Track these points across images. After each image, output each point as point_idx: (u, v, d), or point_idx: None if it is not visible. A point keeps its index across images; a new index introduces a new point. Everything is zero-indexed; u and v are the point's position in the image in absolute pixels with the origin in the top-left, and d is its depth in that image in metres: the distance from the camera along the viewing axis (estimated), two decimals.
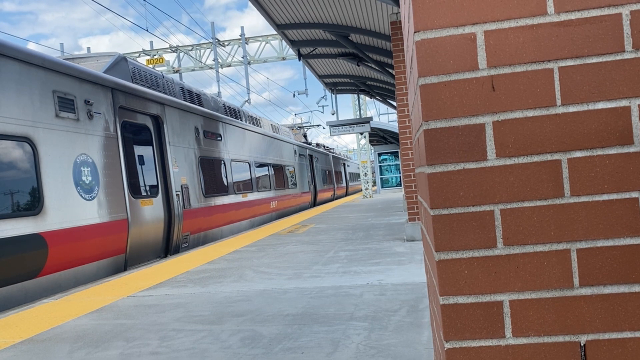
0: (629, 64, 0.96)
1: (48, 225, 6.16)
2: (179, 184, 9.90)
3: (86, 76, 7.34)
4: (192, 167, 10.64)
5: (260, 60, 26.40)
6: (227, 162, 12.94)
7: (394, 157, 32.78)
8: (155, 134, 9.35)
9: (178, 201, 9.70)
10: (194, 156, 10.84)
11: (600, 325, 0.99)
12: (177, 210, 9.62)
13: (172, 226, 9.40)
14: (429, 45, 1.02)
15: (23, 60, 6.14)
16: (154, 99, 9.24)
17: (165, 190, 9.44)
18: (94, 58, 9.25)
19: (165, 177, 9.50)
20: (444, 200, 1.02)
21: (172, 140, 9.84)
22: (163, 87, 10.71)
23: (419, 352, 2.94)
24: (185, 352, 3.32)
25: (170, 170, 9.58)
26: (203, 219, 10.90)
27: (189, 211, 10.17)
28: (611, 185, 0.98)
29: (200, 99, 12.74)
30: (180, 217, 9.75)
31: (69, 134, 6.81)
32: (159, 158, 9.39)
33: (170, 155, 9.69)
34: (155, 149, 9.29)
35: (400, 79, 7.95)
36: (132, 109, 8.55)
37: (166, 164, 9.54)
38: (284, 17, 10.13)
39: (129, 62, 9.59)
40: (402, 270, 5.45)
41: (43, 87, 6.42)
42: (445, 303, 1.02)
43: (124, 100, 8.29)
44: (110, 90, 7.95)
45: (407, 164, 8.09)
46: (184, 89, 11.91)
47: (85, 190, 7.01)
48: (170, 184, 9.55)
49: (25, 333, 4.11)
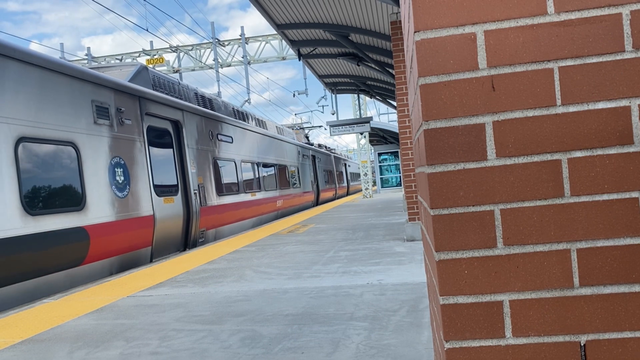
0: (629, 64, 0.96)
1: (89, 219, 7.01)
2: (196, 183, 10.64)
3: (118, 86, 8.16)
4: (207, 168, 11.42)
5: (260, 60, 26.40)
6: (238, 163, 13.75)
7: (394, 157, 32.76)
8: (175, 138, 10.18)
9: (195, 199, 10.47)
10: (209, 158, 11.63)
11: (600, 325, 0.99)
12: (195, 207, 10.37)
13: (190, 222, 10.15)
14: (429, 45, 1.02)
15: (71, 75, 7.02)
16: (174, 105, 10.11)
17: (184, 189, 10.18)
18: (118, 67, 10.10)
19: (184, 177, 10.26)
20: (444, 200, 1.02)
21: (189, 143, 10.63)
22: (179, 92, 11.55)
23: (419, 352, 2.94)
24: (185, 352, 3.32)
25: (188, 171, 10.32)
26: (217, 216, 11.65)
27: (205, 209, 10.93)
28: (611, 185, 0.98)
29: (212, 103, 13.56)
30: (198, 214, 10.49)
31: (105, 139, 7.70)
32: (179, 160, 10.19)
33: (188, 157, 10.45)
34: (175, 152, 10.10)
35: (400, 79, 7.95)
36: (156, 115, 9.39)
37: (185, 165, 10.30)
38: (284, 17, 10.13)
39: (150, 70, 10.42)
40: (402, 270, 5.45)
41: (84, 97, 7.31)
42: (445, 303, 1.02)
43: (149, 107, 9.14)
44: (138, 98, 8.79)
45: (407, 164, 8.09)
46: (198, 95, 12.74)
47: (118, 188, 7.83)
48: (189, 183, 10.27)
49: (25, 333, 4.11)
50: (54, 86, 6.67)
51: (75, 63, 26.91)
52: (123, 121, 8.21)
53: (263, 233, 11.20)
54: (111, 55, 27.95)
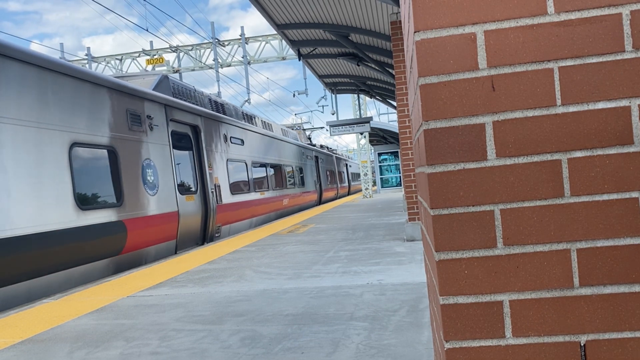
0: (629, 64, 0.96)
1: (127, 214, 7.95)
2: (213, 183, 11.62)
3: (147, 96, 9.14)
4: (222, 169, 12.40)
5: (260, 60, 26.39)
6: (248, 164, 14.75)
7: (394, 157, 32.75)
8: (194, 141, 11.17)
9: (212, 197, 11.41)
10: (223, 159, 12.62)
11: (600, 325, 0.99)
12: (212, 205, 11.32)
13: (208, 218, 11.12)
14: (429, 45, 1.02)
15: (111, 88, 8.02)
16: (193, 111, 11.11)
17: (202, 188, 11.15)
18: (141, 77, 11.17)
19: (202, 177, 11.21)
20: (444, 200, 1.02)
21: (206, 146, 11.60)
22: (195, 99, 12.52)
23: (419, 352, 2.94)
24: (185, 352, 3.32)
25: (206, 171, 11.29)
26: (231, 213, 12.64)
27: (221, 206, 11.92)
28: (611, 185, 0.98)
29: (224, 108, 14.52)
30: (214, 211, 11.44)
31: (138, 143, 8.67)
32: (197, 161, 11.14)
33: (206, 158, 11.44)
34: (195, 154, 11.08)
35: (400, 79, 7.94)
36: (179, 120, 10.41)
37: (203, 166, 11.25)
38: (284, 17, 10.13)
39: (170, 79, 11.40)
40: (402, 270, 5.45)
41: (121, 107, 8.29)
42: (445, 303, 1.02)
43: (173, 114, 10.14)
44: (164, 106, 9.79)
45: (407, 164, 8.09)
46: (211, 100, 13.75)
47: (149, 187, 8.79)
48: (207, 182, 11.23)
49: (25, 333, 4.11)
50: (98, 98, 7.69)
51: (75, 63, 26.82)
52: (152, 127, 9.21)
53: (263, 233, 11.21)
54: (111, 56, 27.94)
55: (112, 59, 27.84)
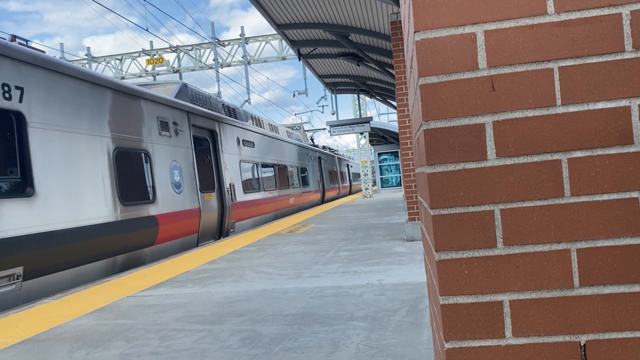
0: (629, 64, 0.96)
1: (158, 210, 8.99)
2: (228, 182, 12.69)
3: (173, 104, 10.20)
4: (235, 169, 13.47)
5: (260, 60, 26.38)
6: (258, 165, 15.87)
7: (394, 157, 32.75)
8: (212, 144, 12.28)
9: (228, 196, 12.46)
10: (236, 160, 13.73)
11: (600, 325, 0.99)
12: (228, 202, 12.39)
13: (224, 215, 12.19)
14: (429, 45, 1.02)
15: (145, 98, 9.05)
16: (212, 117, 12.23)
17: (219, 187, 12.21)
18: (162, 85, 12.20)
19: (219, 177, 12.28)
20: (444, 200, 1.02)
21: (223, 149, 12.69)
22: (210, 104, 13.53)
23: (419, 352, 2.94)
24: (185, 352, 3.32)
25: (222, 172, 12.37)
26: (244, 210, 13.76)
27: (235, 204, 12.97)
28: (611, 185, 0.98)
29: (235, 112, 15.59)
30: (230, 208, 12.49)
31: (166, 147, 9.72)
32: (215, 162, 12.23)
33: (222, 160, 12.53)
34: (212, 156, 12.16)
35: (400, 79, 7.94)
36: (200, 126, 11.51)
37: (220, 167, 12.34)
38: (284, 17, 10.13)
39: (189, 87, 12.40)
40: (402, 270, 5.45)
41: (152, 114, 9.32)
42: (445, 303, 1.02)
43: (195, 120, 11.24)
44: (187, 113, 10.87)
45: (407, 164, 8.09)
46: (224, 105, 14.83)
47: (176, 186, 9.83)
48: (223, 182, 12.31)
49: (25, 333, 4.11)
50: (135, 107, 8.73)
51: (75, 63, 26.80)
52: (178, 132, 10.27)
53: (263, 233, 11.21)
54: (111, 56, 27.94)
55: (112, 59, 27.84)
